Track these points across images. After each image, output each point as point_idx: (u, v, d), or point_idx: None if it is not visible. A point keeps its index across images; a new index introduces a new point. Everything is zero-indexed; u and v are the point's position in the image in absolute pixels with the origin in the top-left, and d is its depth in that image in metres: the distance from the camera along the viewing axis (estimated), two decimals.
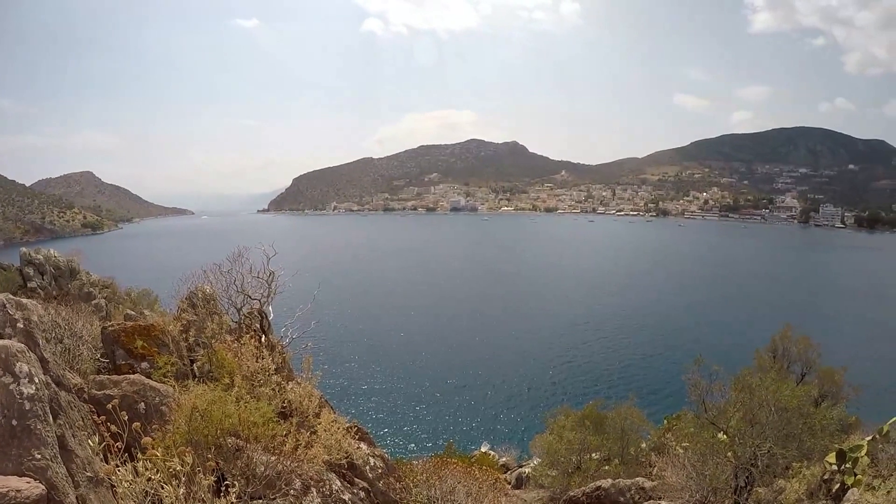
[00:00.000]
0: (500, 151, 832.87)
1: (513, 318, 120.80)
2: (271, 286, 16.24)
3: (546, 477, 28.94)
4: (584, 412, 34.14)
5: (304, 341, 17.30)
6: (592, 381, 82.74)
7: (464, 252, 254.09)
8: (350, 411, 64.60)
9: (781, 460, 16.61)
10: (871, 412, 28.60)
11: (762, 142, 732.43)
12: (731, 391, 21.28)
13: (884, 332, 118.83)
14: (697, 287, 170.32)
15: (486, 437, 63.13)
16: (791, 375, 33.15)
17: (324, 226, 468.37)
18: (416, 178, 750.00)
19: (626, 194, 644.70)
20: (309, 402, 12.56)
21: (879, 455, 15.87)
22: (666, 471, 19.78)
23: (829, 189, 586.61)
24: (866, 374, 64.32)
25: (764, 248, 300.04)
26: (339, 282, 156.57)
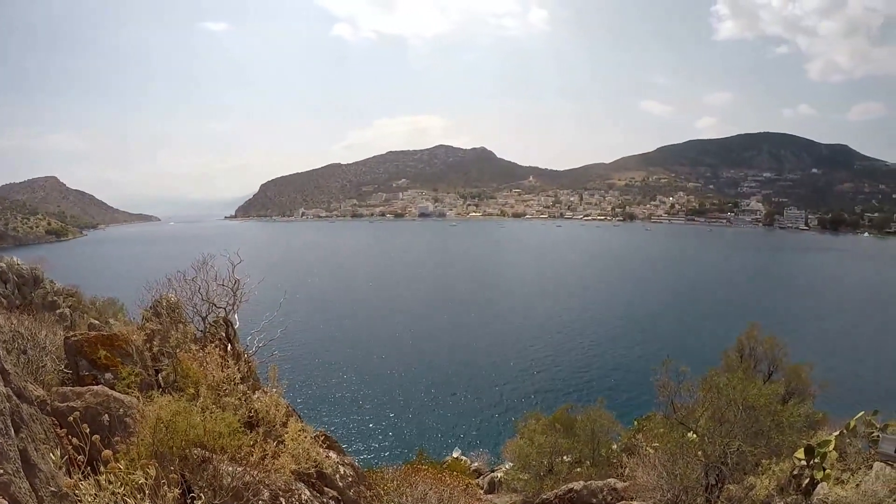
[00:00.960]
0: (469, 157, 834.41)
1: (482, 324, 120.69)
2: (237, 294, 16.02)
3: (518, 481, 29.02)
4: (554, 416, 34.36)
5: (271, 350, 17.10)
6: (562, 385, 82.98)
7: (432, 258, 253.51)
8: (319, 420, 64.18)
9: (751, 457, 16.79)
10: (838, 408, 29.04)
11: (727, 147, 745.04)
12: (700, 391, 21.51)
13: (847, 330, 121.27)
14: (664, 290, 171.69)
15: (458, 443, 62.99)
16: (758, 374, 33.59)
17: (291, 233, 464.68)
18: (385, 183, 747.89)
19: (594, 199, 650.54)
20: (276, 411, 12.40)
21: (847, 449, 16.17)
22: (637, 471, 19.90)
23: (793, 192, 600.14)
24: (832, 371, 65.60)
25: (729, 251, 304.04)
26: (306, 290, 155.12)
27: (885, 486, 12.83)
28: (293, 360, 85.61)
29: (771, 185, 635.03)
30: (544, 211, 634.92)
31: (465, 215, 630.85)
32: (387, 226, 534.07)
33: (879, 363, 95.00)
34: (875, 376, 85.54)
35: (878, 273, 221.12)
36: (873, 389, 72.04)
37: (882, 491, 12.54)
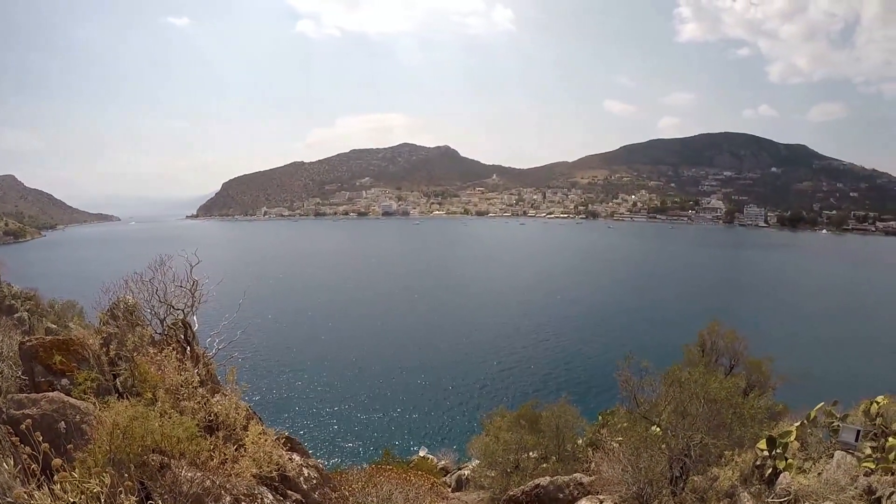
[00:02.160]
0: (432, 155, 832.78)
1: (447, 322, 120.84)
2: (195, 295, 15.74)
3: (485, 478, 29.08)
4: (519, 412, 34.42)
5: (231, 352, 16.83)
6: (527, 381, 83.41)
7: (395, 257, 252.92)
8: (283, 422, 63.82)
9: (714, 449, 16.97)
10: (798, 399, 29.50)
11: (689, 146, 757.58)
12: (662, 386, 21.73)
13: (805, 323, 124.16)
14: (627, 287, 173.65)
15: (424, 441, 62.95)
16: (720, 368, 34.15)
17: (253, 232, 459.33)
18: (348, 182, 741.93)
19: (557, 197, 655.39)
20: (236, 414, 12.20)
21: (808, 439, 16.44)
22: (602, 465, 20.01)
23: (753, 191, 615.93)
24: (792, 363, 66.61)
25: (691, 248, 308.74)
26: (267, 290, 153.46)
27: (846, 475, 13.04)
28: (254, 361, 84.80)
29: (731, 184, 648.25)
30: (508, 209, 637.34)
31: (429, 214, 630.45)
32: (350, 224, 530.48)
33: (838, 355, 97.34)
34: (834, 368, 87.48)
35: (834, 269, 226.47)
36: (832, 381, 73.50)
37: (844, 479, 12.75)
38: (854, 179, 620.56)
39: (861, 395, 19.44)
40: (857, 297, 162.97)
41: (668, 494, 15.95)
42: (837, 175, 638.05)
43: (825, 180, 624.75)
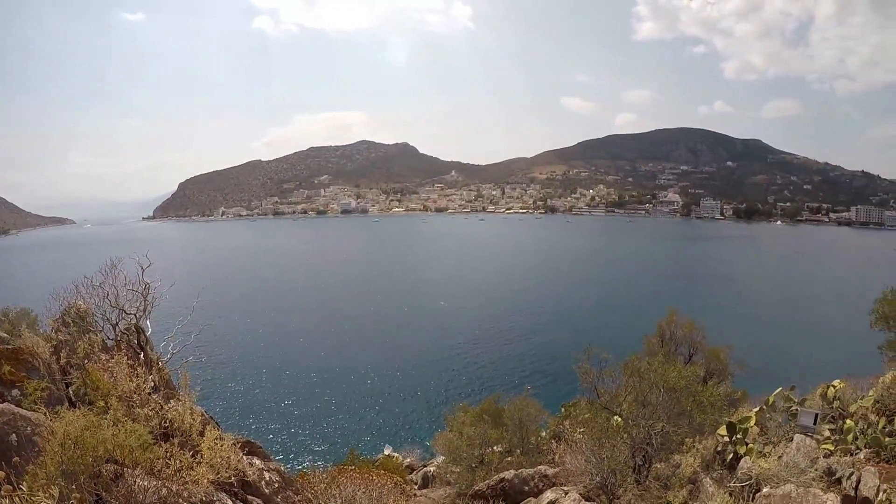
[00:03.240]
0: (391, 152, 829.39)
1: (407, 320, 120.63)
2: (147, 299, 15.36)
3: (451, 474, 29.05)
4: (481, 407, 34.46)
5: (185, 356, 16.48)
6: (489, 376, 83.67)
7: (355, 256, 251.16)
8: (243, 427, 62.85)
9: (675, 437, 17.16)
10: (756, 386, 30.01)
11: (646, 141, 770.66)
12: (622, 376, 21.92)
13: (762, 312, 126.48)
14: (587, 280, 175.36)
15: (389, 440, 62.72)
16: (679, 357, 34.56)
17: (210, 233, 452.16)
18: (306, 180, 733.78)
19: (516, 193, 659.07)
20: (191, 419, 11.93)
21: (768, 424, 16.68)
22: (566, 457, 20.07)
23: (709, 184, 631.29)
24: (750, 351, 67.85)
25: (649, 241, 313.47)
26: (224, 292, 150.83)
27: (806, 457, 13.23)
28: (212, 365, 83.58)
29: (688, 178, 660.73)
30: (467, 205, 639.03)
31: (388, 211, 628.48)
32: (309, 223, 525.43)
33: (794, 342, 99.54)
34: (791, 354, 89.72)
35: (789, 259, 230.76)
36: (790, 367, 75.13)
37: (804, 461, 12.91)
38: (807, 172, 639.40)
39: (818, 379, 19.79)
40: (811, 286, 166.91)
41: (632, 483, 16.05)
42: (791, 168, 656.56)
43: (779, 173, 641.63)
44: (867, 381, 18.36)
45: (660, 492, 15.40)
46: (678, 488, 14.90)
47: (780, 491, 11.29)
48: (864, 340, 36.10)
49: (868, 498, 10.21)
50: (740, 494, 12.48)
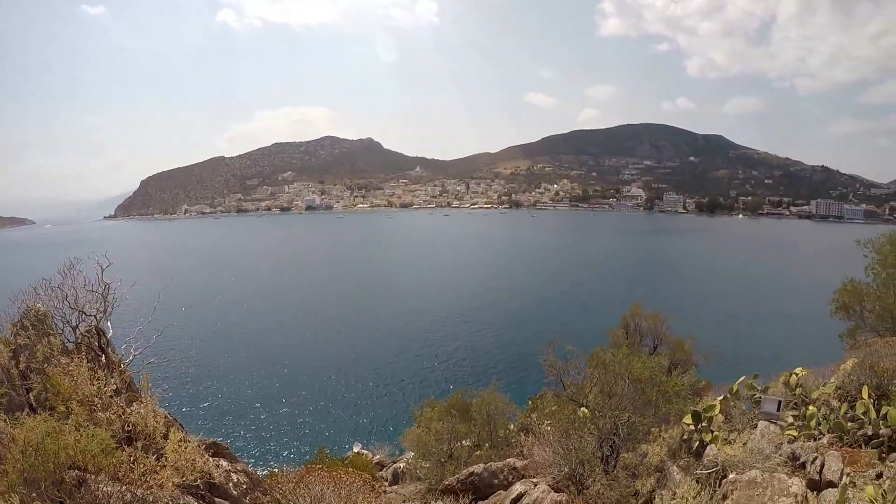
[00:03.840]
0: (355, 148, 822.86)
1: (374, 317, 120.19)
2: (107, 300, 15.02)
3: (420, 469, 29.05)
4: (449, 402, 34.50)
5: (148, 357, 16.17)
6: (456, 371, 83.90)
7: (320, 252, 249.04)
8: (209, 428, 62.32)
9: (641, 427, 17.34)
10: (720, 375, 30.44)
11: (609, 137, 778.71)
12: (588, 368, 22.09)
13: (724, 302, 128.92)
14: (551, 273, 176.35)
15: (358, 437, 62.55)
16: (644, 349, 35.06)
17: (173, 231, 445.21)
18: (270, 177, 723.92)
19: (480, 188, 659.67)
20: (154, 422, 11.73)
21: (732, 412, 16.94)
22: (534, 449, 20.16)
23: (672, 179, 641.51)
24: (714, 341, 69.03)
25: (613, 234, 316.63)
26: (187, 291, 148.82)
27: (770, 443, 13.46)
28: (175, 366, 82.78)
29: (651, 172, 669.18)
30: (432, 200, 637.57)
31: (353, 207, 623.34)
32: (273, 220, 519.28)
33: (756, 331, 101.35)
34: (753, 343, 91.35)
35: (750, 251, 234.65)
36: (752, 356, 76.30)
37: (768, 447, 13.12)
38: (769, 167, 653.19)
39: (780, 368, 20.11)
40: (772, 278, 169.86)
41: (600, 473, 16.15)
42: (753, 163, 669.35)
43: (741, 168, 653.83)
44: (828, 369, 18.76)
45: (628, 481, 15.54)
46: (646, 477, 15.05)
47: (745, 476, 11.44)
48: (824, 329, 36.82)
49: (832, 481, 10.39)
50: (707, 481, 12.62)
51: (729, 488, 11.49)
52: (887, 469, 10.38)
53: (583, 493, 15.65)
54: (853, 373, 15.64)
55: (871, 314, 28.78)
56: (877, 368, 14.80)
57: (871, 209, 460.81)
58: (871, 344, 17.25)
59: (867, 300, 29.11)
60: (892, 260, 29.16)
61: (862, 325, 29.01)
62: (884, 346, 16.14)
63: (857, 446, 11.89)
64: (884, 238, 30.25)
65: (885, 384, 14.39)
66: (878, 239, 30.43)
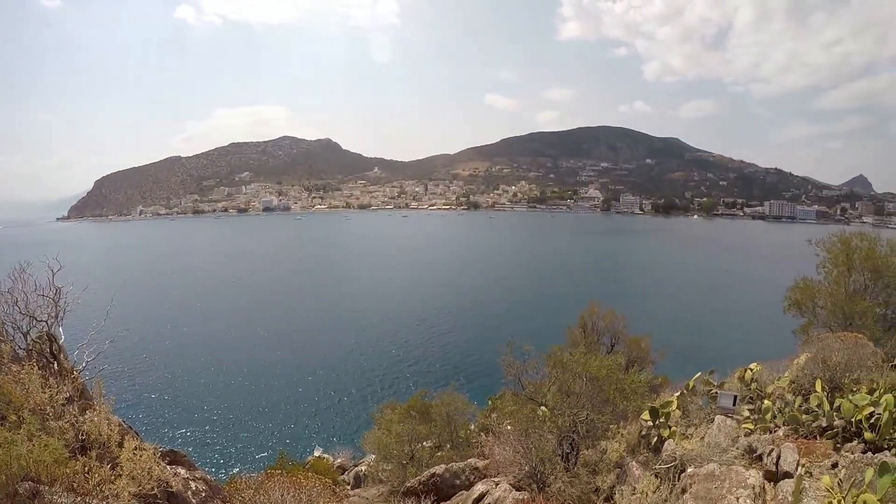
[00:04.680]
0: (314, 148, 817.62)
1: (331, 319, 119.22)
2: (59, 304, 14.62)
3: (383, 472, 29.06)
4: (409, 404, 34.57)
5: (101, 364, 15.80)
6: (416, 373, 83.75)
7: (278, 254, 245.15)
8: (166, 435, 61.50)
9: (600, 424, 17.54)
10: (677, 372, 30.89)
11: (567, 139, 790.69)
12: (546, 367, 22.30)
13: (680, 300, 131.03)
14: (509, 274, 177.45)
15: (318, 441, 62.11)
16: (601, 347, 35.52)
17: (128, 232, 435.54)
18: (227, 177, 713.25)
19: (439, 189, 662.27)
20: (109, 430, 11.48)
21: (689, 407, 17.18)
22: (495, 449, 20.23)
23: (628, 180, 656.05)
24: (670, 338, 70.01)
25: (570, 235, 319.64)
26: (141, 294, 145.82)
27: (727, 437, 13.66)
28: (129, 372, 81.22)
29: (608, 174, 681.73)
30: (390, 201, 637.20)
31: (311, 208, 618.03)
32: (230, 222, 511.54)
33: (712, 328, 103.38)
34: (709, 340, 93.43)
35: (705, 251, 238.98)
36: (709, 352, 78.16)
37: (725, 441, 13.32)
38: (723, 170, 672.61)
39: (735, 363, 20.47)
40: (727, 276, 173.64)
41: (561, 470, 16.28)
42: (708, 166, 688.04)
43: (696, 170, 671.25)
44: (782, 364, 19.17)
45: (589, 477, 15.69)
46: (606, 473, 15.20)
47: (703, 470, 11.59)
48: (778, 326, 37.54)
49: (788, 472, 10.58)
50: (666, 475, 12.78)
51: (688, 482, 11.64)
52: (842, 459, 10.60)
53: (544, 490, 15.76)
54: (807, 367, 15.99)
55: (823, 310, 29.62)
56: (829, 362, 15.18)
57: (823, 210, 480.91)
58: (824, 339, 17.59)
59: (819, 297, 29.98)
60: (842, 259, 30.12)
61: (814, 321, 29.85)
62: (836, 341, 16.49)
63: (812, 438, 12.12)
64: (835, 238, 31.31)
65: (838, 377, 14.75)
66: (830, 238, 31.48)
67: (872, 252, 29.83)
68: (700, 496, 10.85)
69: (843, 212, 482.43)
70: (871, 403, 11.52)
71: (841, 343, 16.17)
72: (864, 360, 15.24)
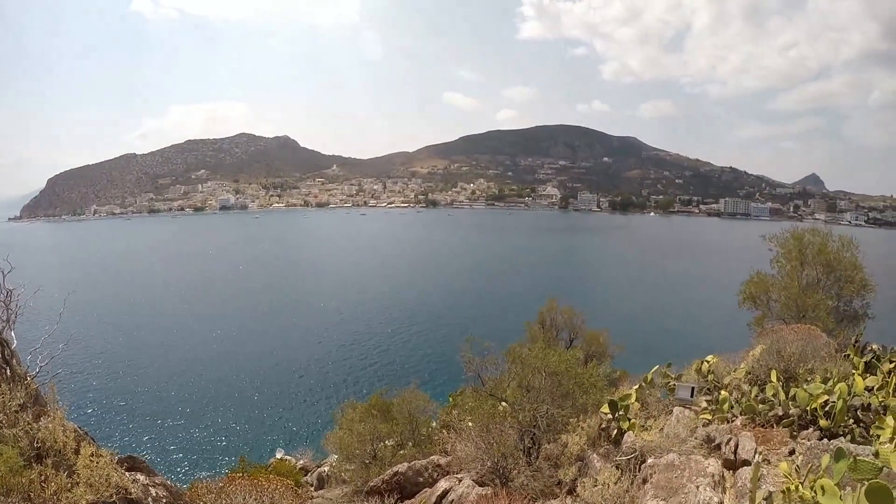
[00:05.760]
0: (271, 146, 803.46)
1: (290, 319, 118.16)
2: (10, 307, 14.21)
3: (345, 472, 28.94)
4: (370, 402, 34.55)
5: (55, 368, 15.41)
6: (376, 371, 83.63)
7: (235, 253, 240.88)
8: (124, 441, 60.54)
9: (560, 418, 17.68)
10: (635, 365, 31.31)
11: (526, 137, 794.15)
12: (506, 363, 22.48)
13: (638, 295, 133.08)
14: (468, 272, 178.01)
15: (280, 443, 61.67)
16: (560, 342, 35.92)
17: (82, 233, 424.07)
18: (183, 175, 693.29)
19: (397, 187, 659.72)
20: (64, 437, 11.23)
21: (648, 399, 17.42)
22: (456, 445, 20.28)
23: (586, 178, 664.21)
24: (628, 333, 70.78)
25: (529, 233, 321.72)
26: (96, 297, 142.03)
27: (685, 428, 13.90)
28: (84, 377, 79.72)
29: (566, 172, 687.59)
30: (348, 199, 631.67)
31: (268, 206, 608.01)
32: (187, 221, 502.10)
33: (669, 322, 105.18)
34: (667, 334, 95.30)
35: (662, 246, 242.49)
36: (666, 345, 79.54)
37: (684, 431, 13.54)
38: (680, 168, 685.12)
39: (692, 356, 20.82)
40: (683, 271, 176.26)
41: (523, 465, 16.38)
42: (665, 164, 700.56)
43: (653, 169, 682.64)
44: (738, 355, 19.64)
45: (551, 471, 15.80)
46: (568, 466, 15.29)
47: (663, 460, 11.74)
48: (733, 319, 38.24)
49: (747, 460, 10.80)
50: (627, 467, 12.92)
51: (648, 472, 11.78)
52: (799, 446, 10.89)
53: (507, 485, 15.81)
54: (762, 358, 16.39)
55: (776, 303, 30.44)
56: (784, 353, 15.59)
57: (777, 207, 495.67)
58: (778, 331, 18.02)
59: (773, 290, 30.78)
60: (795, 254, 30.98)
61: (769, 313, 30.67)
62: (789, 333, 16.92)
63: (768, 426, 12.41)
64: (788, 234, 32.33)
65: (792, 368, 15.15)
66: (783, 234, 32.45)
67: (824, 247, 30.73)
68: (661, 486, 10.98)
69: (796, 209, 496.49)
70: (825, 392, 11.81)
71: (795, 335, 16.56)
72: (818, 350, 15.64)
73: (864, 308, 31.09)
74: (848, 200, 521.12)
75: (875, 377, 12.61)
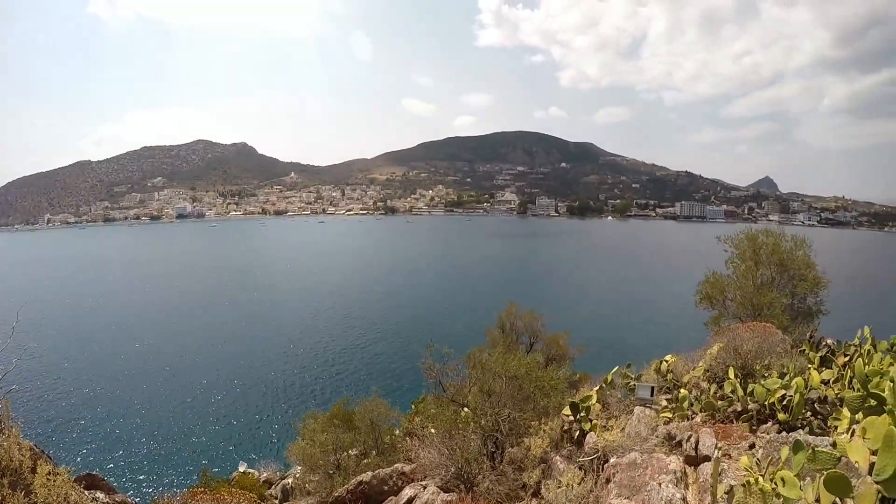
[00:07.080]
0: (229, 153, 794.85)
1: (249, 330, 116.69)
2: None
3: (310, 483, 28.72)
4: (331, 412, 34.38)
5: (8, 384, 15.02)
6: (337, 381, 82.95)
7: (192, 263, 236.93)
8: (81, 458, 59.26)
9: (522, 422, 17.76)
10: (595, 367, 31.57)
11: (484, 144, 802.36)
12: (466, 369, 22.57)
13: (596, 298, 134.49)
14: (428, 278, 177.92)
15: (242, 456, 60.78)
16: (521, 346, 36.13)
17: (34, 243, 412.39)
18: (139, 183, 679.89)
19: (356, 194, 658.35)
20: (20, 455, 10.92)
21: (608, 400, 17.59)
22: (420, 452, 20.27)
23: (544, 184, 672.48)
24: (587, 335, 71.47)
25: (488, 238, 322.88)
26: (49, 310, 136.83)
27: (646, 426, 14.06)
28: (39, 392, 77.67)
29: (524, 178, 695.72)
30: (307, 207, 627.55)
31: (226, 215, 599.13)
32: (142, 230, 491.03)
33: (628, 324, 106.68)
34: (625, 335, 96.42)
35: (620, 250, 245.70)
36: (625, 347, 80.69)
37: (645, 430, 13.68)
38: (636, 173, 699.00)
39: (651, 356, 21.09)
40: (641, 273, 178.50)
41: (488, 469, 16.40)
42: (621, 169, 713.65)
43: (610, 174, 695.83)
44: (696, 354, 19.97)
45: (515, 474, 15.86)
46: (532, 469, 15.37)
47: (626, 459, 11.87)
48: (690, 319, 38.80)
49: (707, 455, 10.98)
50: (590, 467, 13.04)
51: (611, 472, 11.90)
52: (758, 440, 11.08)
53: (472, 490, 15.83)
54: (719, 356, 16.70)
55: (732, 302, 31.10)
56: (741, 351, 15.91)
57: (732, 209, 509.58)
58: (734, 329, 18.44)
59: (729, 290, 31.46)
60: (750, 254, 31.73)
61: (725, 312, 31.33)
62: (745, 331, 17.29)
63: (728, 422, 12.63)
64: (742, 235, 33.12)
65: (749, 364, 15.45)
66: (738, 235, 33.22)
67: (778, 247, 31.50)
68: (624, 484, 11.09)
69: (750, 211, 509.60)
70: (782, 387, 12.04)
71: (751, 332, 16.91)
72: (774, 347, 15.97)
73: (817, 304, 31.90)
74: (801, 202, 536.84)
75: (830, 371, 12.91)
